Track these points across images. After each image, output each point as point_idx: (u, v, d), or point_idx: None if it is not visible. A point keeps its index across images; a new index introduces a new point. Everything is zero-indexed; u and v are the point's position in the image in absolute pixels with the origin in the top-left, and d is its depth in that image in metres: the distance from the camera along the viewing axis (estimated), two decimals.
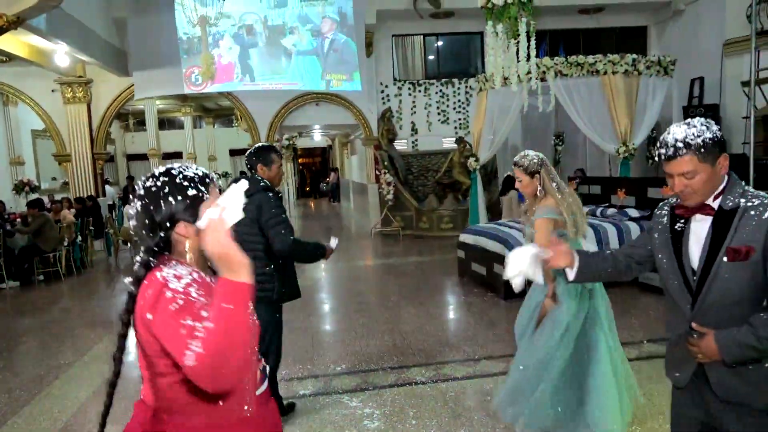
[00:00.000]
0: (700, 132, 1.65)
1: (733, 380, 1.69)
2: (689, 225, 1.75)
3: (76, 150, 11.91)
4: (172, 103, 19.60)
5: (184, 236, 1.35)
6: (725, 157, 1.67)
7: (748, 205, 1.63)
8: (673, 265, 1.77)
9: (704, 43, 11.06)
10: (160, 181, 1.36)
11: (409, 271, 8.29)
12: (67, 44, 8.97)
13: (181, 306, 1.22)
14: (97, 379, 4.39)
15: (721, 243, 1.64)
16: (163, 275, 1.27)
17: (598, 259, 2.03)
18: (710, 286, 1.67)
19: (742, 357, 1.63)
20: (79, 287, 8.29)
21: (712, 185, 1.68)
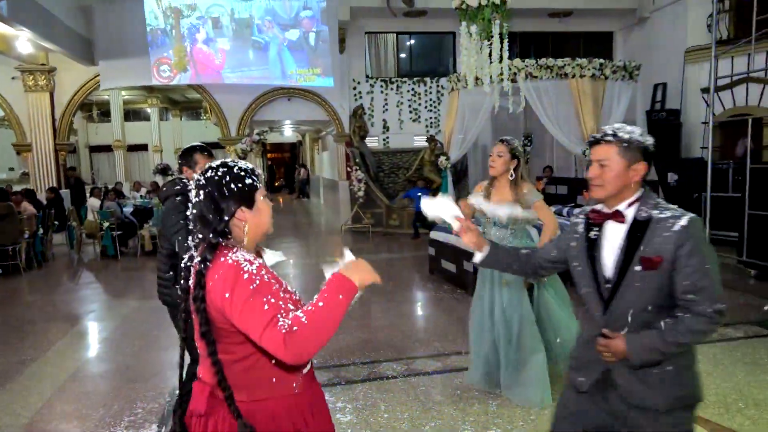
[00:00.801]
0: (633, 132, 1.75)
1: (639, 385, 1.76)
2: (603, 233, 1.81)
3: (37, 140, 11.53)
4: (138, 94, 19.17)
5: (243, 221, 1.50)
6: (644, 166, 1.74)
7: (660, 216, 1.71)
8: (587, 273, 1.84)
9: (667, 50, 11.44)
10: (221, 172, 1.51)
11: (380, 267, 8.26)
12: (30, 30, 8.67)
13: (259, 286, 1.38)
14: (61, 375, 4.30)
15: (634, 252, 1.72)
16: (235, 259, 1.42)
17: (506, 254, 2.14)
18: (622, 293, 1.75)
19: (649, 359, 1.72)
20: (41, 281, 8.06)
21: (619, 184, 1.75)
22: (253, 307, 1.35)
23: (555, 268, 2.07)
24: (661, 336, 1.68)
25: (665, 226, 1.68)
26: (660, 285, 1.69)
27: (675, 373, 1.74)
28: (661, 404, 1.74)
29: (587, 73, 8.09)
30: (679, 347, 1.69)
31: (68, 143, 12.39)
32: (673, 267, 1.67)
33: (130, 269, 8.78)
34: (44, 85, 11.40)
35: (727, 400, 3.54)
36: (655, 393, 1.74)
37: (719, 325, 1.67)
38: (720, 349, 4.43)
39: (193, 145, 3.07)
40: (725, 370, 4.03)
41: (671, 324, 1.67)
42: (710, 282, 1.65)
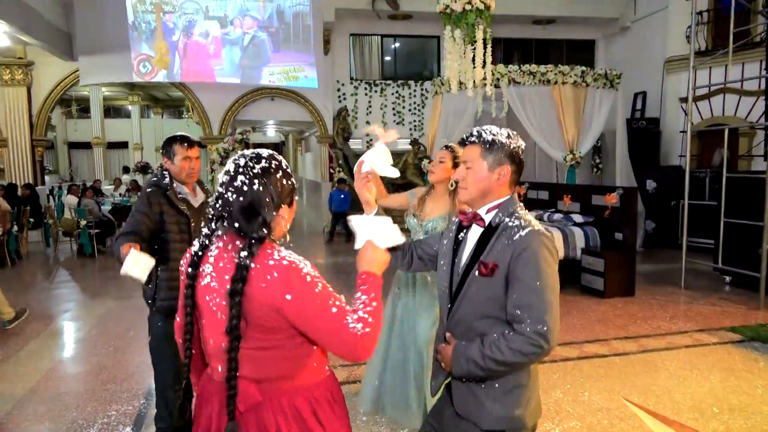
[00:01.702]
0: (498, 134, 1.70)
1: (468, 397, 1.71)
2: (467, 235, 1.77)
3: (13, 135, 11.30)
4: (119, 91, 18.91)
5: (284, 218, 1.48)
6: (508, 170, 1.69)
7: (509, 224, 1.65)
8: (446, 272, 1.79)
9: (647, 59, 11.64)
10: (274, 164, 1.47)
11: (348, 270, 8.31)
12: (7, 23, 8.51)
13: (322, 289, 1.40)
14: (34, 375, 4.20)
15: (479, 256, 1.67)
16: (291, 259, 1.40)
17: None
18: (462, 298, 1.70)
19: (469, 372, 1.64)
20: (14, 279, 7.87)
21: (482, 188, 1.71)
22: (323, 311, 1.38)
23: (432, 263, 1.96)
24: (480, 349, 1.60)
25: (509, 235, 1.63)
26: (494, 295, 1.63)
27: (502, 392, 1.66)
28: (483, 421, 1.67)
29: (569, 80, 8.19)
30: (499, 365, 1.58)
31: (45, 139, 12.17)
32: (507, 278, 1.61)
33: (108, 268, 8.63)
34: (21, 80, 11.18)
35: (702, 405, 3.59)
36: (479, 409, 1.68)
37: (541, 348, 1.54)
38: (695, 355, 4.51)
39: (173, 135, 2.93)
40: (700, 375, 4.09)
41: (493, 339, 1.60)
42: (538, 301, 1.55)
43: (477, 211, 1.75)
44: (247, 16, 11.26)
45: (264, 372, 1.44)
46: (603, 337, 4.99)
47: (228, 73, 11.38)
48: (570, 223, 7.00)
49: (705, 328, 5.22)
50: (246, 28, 11.29)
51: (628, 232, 6.69)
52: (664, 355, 4.52)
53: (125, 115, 21.26)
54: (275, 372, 1.44)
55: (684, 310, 5.89)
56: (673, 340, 4.89)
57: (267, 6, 11.28)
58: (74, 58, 11.07)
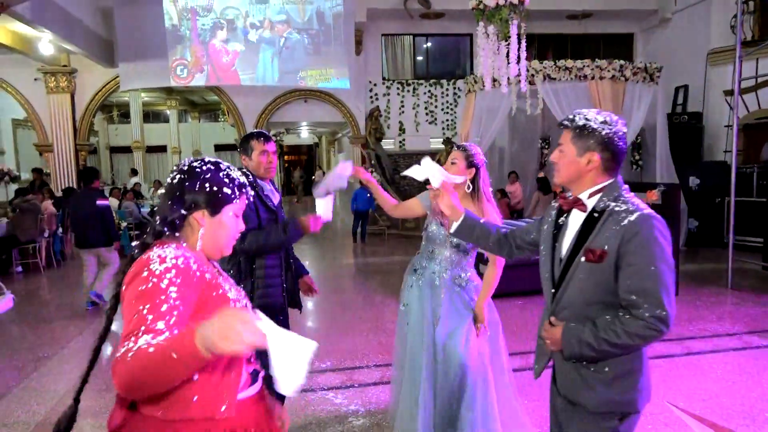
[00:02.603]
0: (592, 120, 1.66)
1: (575, 379, 1.71)
2: (568, 220, 1.75)
3: (59, 141, 11.72)
4: (157, 96, 19.37)
5: (199, 224, 1.39)
6: (598, 158, 1.65)
7: (615, 209, 1.62)
8: (547, 257, 1.79)
9: (689, 51, 11.24)
10: (206, 167, 1.40)
11: (394, 270, 8.28)
12: (52, 32, 8.82)
13: (148, 289, 1.21)
14: (76, 372, 4.31)
15: (584, 243, 1.66)
16: (150, 255, 1.29)
17: (483, 228, 2.02)
18: (568, 283, 1.69)
19: (580, 353, 1.64)
20: (59, 279, 8.15)
21: (572, 173, 1.69)
22: (129, 312, 1.21)
23: (531, 251, 1.97)
24: (594, 332, 1.60)
25: (617, 220, 1.60)
26: (604, 280, 1.62)
27: (612, 376, 1.65)
28: (590, 404, 1.67)
29: (607, 74, 7.97)
30: (614, 348, 1.58)
31: (88, 144, 12.58)
32: (617, 263, 1.59)
33: None
34: (65, 87, 11.58)
35: (753, 410, 3.43)
36: (587, 391, 1.68)
37: (660, 332, 1.54)
38: (745, 358, 4.31)
39: (249, 133, 2.94)
40: (750, 379, 3.90)
41: (607, 322, 1.60)
42: (654, 284, 1.55)
43: (578, 196, 1.71)
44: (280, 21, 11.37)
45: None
46: None
47: (264, 76, 11.53)
48: None
49: (755, 330, 4.99)
50: (282, 32, 11.40)
51: (670, 230, 6.44)
52: (710, 358, 4.33)
53: (163, 120, 21.77)
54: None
55: (731, 311, 5.65)
56: (721, 342, 4.69)
57: (307, 8, 11.37)
58: (115, 64, 11.41)
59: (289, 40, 11.45)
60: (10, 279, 8.05)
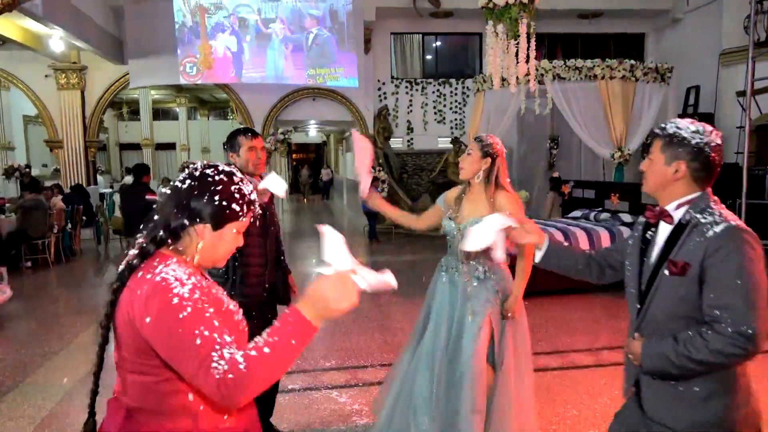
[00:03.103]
0: (682, 128, 1.62)
1: (663, 398, 1.64)
2: (656, 234, 1.71)
3: (69, 137, 11.80)
4: (167, 94, 19.48)
5: (199, 236, 1.32)
6: (685, 168, 1.61)
7: (701, 220, 1.57)
8: (635, 272, 1.74)
9: (701, 52, 11.12)
10: (219, 177, 1.33)
11: (401, 269, 8.27)
12: (63, 29, 8.87)
13: (189, 315, 1.17)
14: (83, 368, 4.33)
15: (668, 255, 1.61)
16: (163, 276, 1.22)
17: (569, 252, 1.98)
18: (652, 297, 1.65)
19: (661, 368, 1.59)
20: (67, 275, 8.21)
21: (659, 181, 1.66)
22: (183, 342, 1.15)
23: (622, 271, 1.89)
24: (674, 346, 1.53)
25: (701, 231, 1.55)
26: (688, 294, 1.55)
27: (702, 396, 1.56)
28: (676, 425, 1.60)
29: (617, 74, 7.91)
30: (695, 364, 1.51)
31: (98, 140, 12.66)
32: (701, 277, 1.52)
33: None
34: (75, 83, 11.65)
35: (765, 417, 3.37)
36: (673, 411, 1.61)
37: (745, 350, 1.46)
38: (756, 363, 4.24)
39: (236, 129, 2.93)
40: (759, 383, 3.84)
41: (689, 336, 1.52)
42: (739, 299, 1.46)
43: (665, 208, 1.67)
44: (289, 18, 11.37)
45: (136, 400, 1.28)
46: None
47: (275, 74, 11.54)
48: (618, 223, 6.75)
49: None
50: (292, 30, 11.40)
51: None
52: None
53: (173, 117, 21.88)
54: (146, 404, 1.27)
55: None
56: None
57: (320, 6, 11.36)
58: (124, 62, 11.47)
59: (319, 37, 11.42)
60: (19, 274, 8.11)
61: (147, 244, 1.29)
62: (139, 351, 1.23)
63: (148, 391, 1.26)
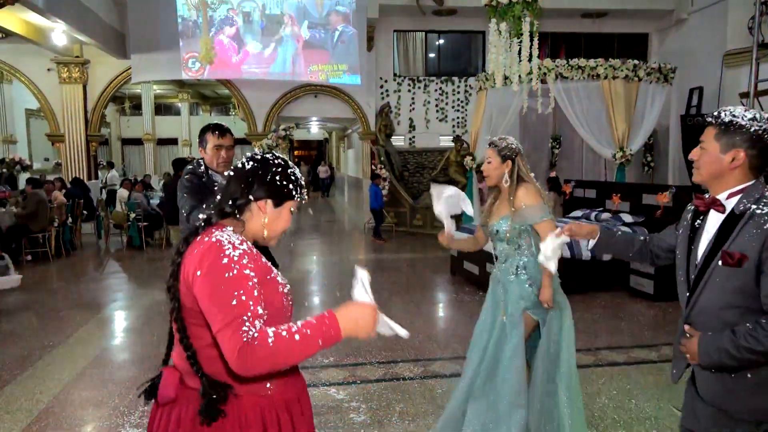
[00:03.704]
0: (740, 116, 1.59)
1: (716, 385, 1.66)
2: (705, 222, 1.70)
3: (70, 131, 11.77)
4: (169, 89, 19.47)
5: (262, 211, 1.46)
6: (743, 155, 1.59)
7: (757, 211, 1.56)
8: (683, 260, 1.75)
9: (705, 52, 11.08)
10: (277, 161, 1.49)
11: (401, 267, 8.27)
12: (65, 23, 8.85)
13: (234, 276, 1.28)
14: (81, 362, 4.34)
15: (722, 245, 1.60)
16: (218, 238, 1.34)
17: (622, 240, 2.05)
18: (704, 286, 1.64)
19: (720, 362, 1.59)
20: (67, 269, 8.21)
21: (714, 171, 1.64)
22: (222, 298, 1.26)
23: (669, 258, 1.94)
24: (733, 339, 1.54)
25: (758, 223, 1.54)
26: (743, 285, 1.55)
27: (755, 382, 1.58)
28: (736, 411, 1.62)
29: (620, 74, 7.88)
30: (756, 355, 1.52)
31: (99, 135, 12.64)
32: (760, 268, 1.52)
33: (155, 260, 8.88)
34: (78, 77, 11.63)
35: None
36: (732, 398, 1.62)
37: None
38: None
39: (206, 125, 2.96)
40: None
41: (748, 329, 1.53)
42: None
43: (716, 197, 1.66)
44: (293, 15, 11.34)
45: (186, 364, 1.37)
46: (652, 342, 4.76)
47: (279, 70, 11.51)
48: (619, 223, 6.73)
49: None
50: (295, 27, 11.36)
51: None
52: None
53: (175, 113, 21.89)
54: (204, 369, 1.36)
55: None
56: None
57: (325, 3, 11.32)
58: (127, 56, 11.43)
59: (344, 34, 11.39)
60: (20, 268, 8.10)
61: (212, 215, 1.42)
62: (193, 314, 1.34)
63: (209, 355, 1.36)
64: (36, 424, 3.33)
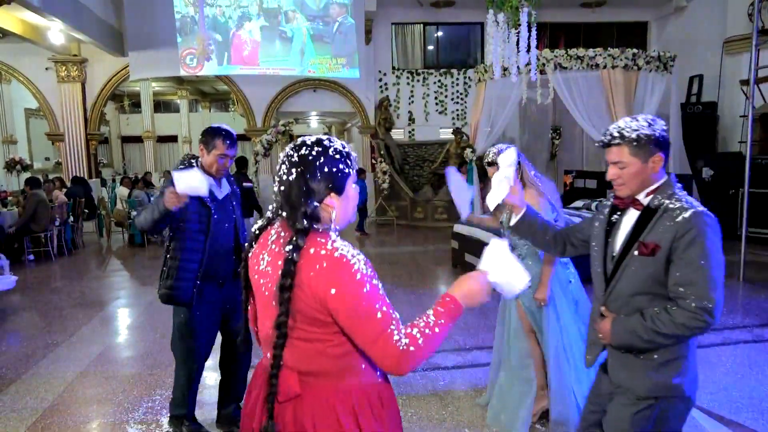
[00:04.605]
0: (639, 127, 1.74)
1: (625, 367, 1.81)
2: (622, 218, 1.85)
3: (70, 130, 11.78)
4: (168, 86, 19.41)
5: (331, 207, 1.41)
6: (660, 157, 1.75)
7: (670, 206, 1.72)
8: (599, 253, 1.89)
9: (704, 40, 11.03)
10: (315, 151, 1.39)
11: (403, 260, 8.27)
12: (62, 21, 8.83)
13: (370, 291, 1.32)
14: (85, 360, 4.36)
15: (637, 237, 1.75)
16: (342, 254, 1.33)
17: (540, 224, 2.13)
18: (621, 276, 1.79)
19: (630, 343, 1.75)
20: (70, 268, 8.23)
21: (640, 180, 1.77)
22: (366, 314, 1.31)
23: (583, 248, 2.07)
24: (642, 322, 1.70)
25: (671, 216, 1.70)
26: (655, 273, 1.71)
27: (660, 362, 1.75)
28: (639, 388, 1.76)
29: (619, 63, 7.84)
30: (661, 337, 1.68)
31: (99, 133, 12.63)
32: (669, 257, 1.68)
33: (156, 258, 8.90)
34: (76, 76, 11.62)
35: (762, 404, 3.37)
36: (637, 377, 1.77)
37: (705, 323, 1.63)
38: (755, 351, 4.25)
39: (218, 128, 2.79)
40: (761, 372, 3.85)
41: (655, 312, 1.69)
42: (702, 278, 1.64)
43: (636, 197, 1.81)
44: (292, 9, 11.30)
45: (306, 365, 1.40)
46: None
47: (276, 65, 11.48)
48: None
49: (767, 323, 4.92)
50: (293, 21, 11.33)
51: None
52: (719, 350, 4.27)
53: (174, 110, 21.82)
54: (317, 366, 1.40)
55: (743, 303, 5.57)
56: (731, 334, 4.63)
57: None
58: (125, 54, 11.42)
59: (343, 26, 11.34)
60: (22, 267, 8.14)
61: (297, 239, 1.34)
62: (313, 321, 1.35)
63: (320, 355, 1.39)
64: (41, 422, 3.35)
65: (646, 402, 1.76)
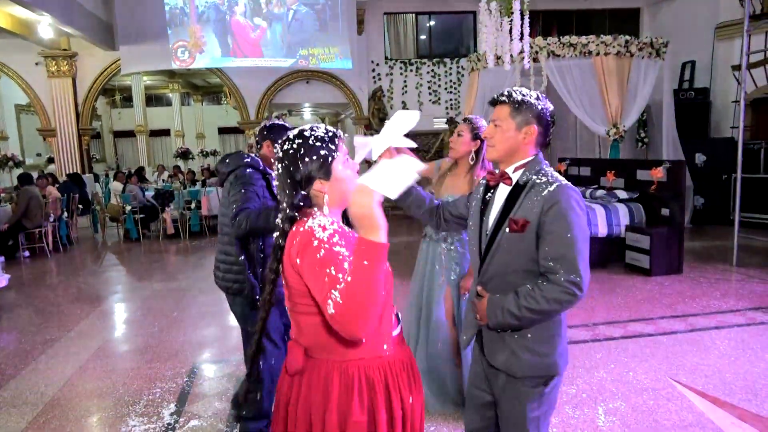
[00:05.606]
0: (528, 96, 1.76)
1: (501, 348, 1.79)
2: (494, 195, 1.84)
3: (61, 125, 11.70)
4: (159, 80, 19.28)
5: (321, 192, 1.47)
6: (534, 130, 1.75)
7: (537, 181, 1.73)
8: (476, 231, 1.88)
9: (697, 26, 11.04)
10: (296, 144, 1.48)
11: (398, 250, 8.30)
12: (51, 15, 8.75)
13: (324, 255, 1.34)
14: (84, 355, 4.36)
15: (509, 214, 1.75)
16: (310, 225, 1.41)
17: (421, 198, 2.13)
18: (494, 254, 1.78)
19: (504, 322, 1.73)
20: (66, 263, 8.21)
21: (509, 146, 1.77)
22: (316, 278, 1.34)
23: (458, 225, 2.09)
24: (516, 300, 1.70)
25: (537, 191, 1.70)
26: (526, 249, 1.71)
27: (534, 341, 1.75)
28: (517, 369, 1.76)
29: (612, 50, 7.84)
30: (535, 314, 1.68)
31: (91, 128, 12.55)
32: (538, 232, 1.69)
33: (152, 252, 8.89)
34: (66, 71, 11.53)
35: (755, 386, 3.43)
36: (512, 358, 1.77)
37: (574, 296, 1.64)
38: (749, 334, 4.30)
39: (286, 126, 2.68)
40: (754, 354, 3.90)
41: (528, 290, 1.69)
42: (570, 251, 1.64)
43: (505, 171, 1.81)
44: None
45: (307, 339, 1.48)
46: (649, 316, 4.82)
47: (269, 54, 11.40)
48: (613, 200, 6.77)
49: (760, 306, 4.98)
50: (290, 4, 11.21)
51: (675, 207, 6.41)
52: (714, 334, 4.33)
53: (166, 103, 21.69)
54: (314, 340, 1.47)
55: (736, 288, 5.63)
56: (724, 318, 4.68)
57: None
58: (115, 47, 11.33)
59: (298, 13, 11.25)
60: (17, 264, 8.12)
61: (285, 225, 1.47)
62: (302, 293, 1.42)
63: (321, 329, 1.44)
64: (42, 417, 3.36)
65: (531, 384, 1.76)
